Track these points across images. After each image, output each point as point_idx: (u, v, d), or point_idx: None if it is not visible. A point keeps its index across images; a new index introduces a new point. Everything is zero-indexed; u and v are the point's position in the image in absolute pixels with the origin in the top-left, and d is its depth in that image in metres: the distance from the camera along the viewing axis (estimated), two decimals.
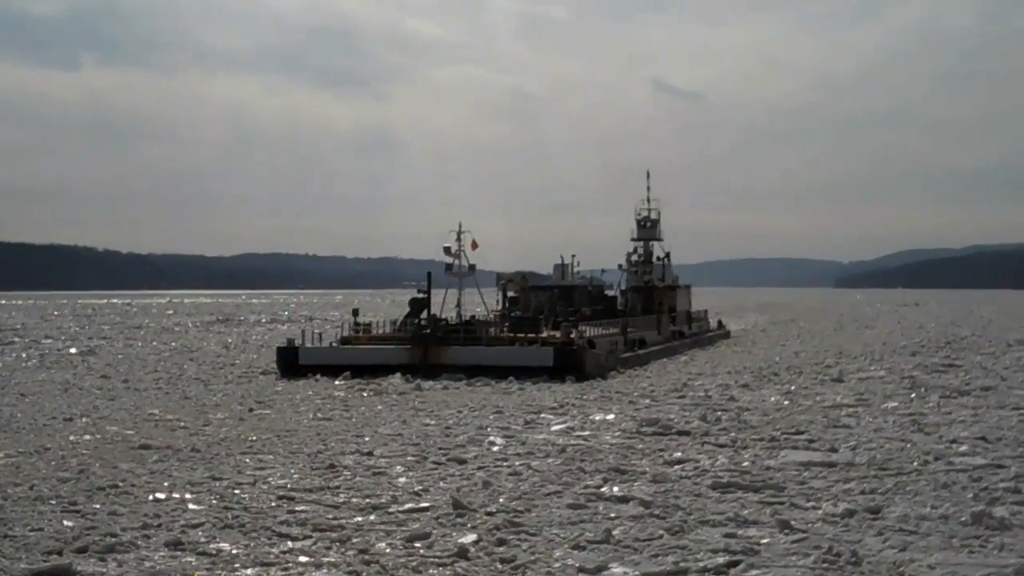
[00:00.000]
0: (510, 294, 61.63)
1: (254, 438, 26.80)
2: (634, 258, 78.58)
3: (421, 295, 50.96)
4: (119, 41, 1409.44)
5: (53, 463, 22.77)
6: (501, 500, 18.95)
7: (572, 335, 47.57)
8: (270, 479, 20.93)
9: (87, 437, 26.83)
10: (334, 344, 50.59)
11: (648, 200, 79.81)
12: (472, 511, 17.96)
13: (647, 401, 35.68)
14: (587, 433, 27.88)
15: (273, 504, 18.53)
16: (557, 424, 29.79)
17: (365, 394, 38.22)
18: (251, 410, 33.38)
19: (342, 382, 42.98)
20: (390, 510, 18.09)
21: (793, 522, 17.05)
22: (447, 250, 50.98)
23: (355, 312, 54.11)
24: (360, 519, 17.46)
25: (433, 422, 30.24)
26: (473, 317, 53.03)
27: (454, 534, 16.40)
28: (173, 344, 73.26)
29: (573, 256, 69.63)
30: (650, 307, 72.74)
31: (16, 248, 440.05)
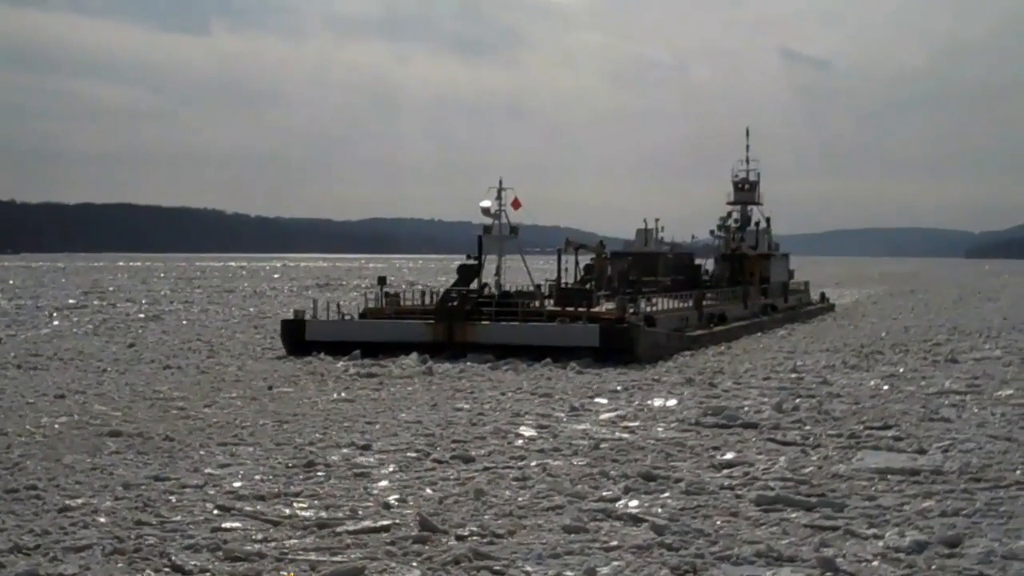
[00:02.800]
0: (585, 261, 56.44)
1: (248, 424, 23.55)
2: (729, 223, 72.42)
3: (472, 261, 45.07)
4: (248, 6, 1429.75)
5: None
6: (485, 517, 15.42)
7: (629, 310, 41.63)
8: (225, 481, 17.58)
9: (62, 419, 23.67)
10: (348, 317, 44.90)
11: (747, 161, 73.72)
12: (441, 532, 14.49)
13: (729, 383, 31.91)
14: (636, 424, 24.31)
15: (201, 518, 15.15)
16: (607, 412, 26.20)
17: (359, 380, 32.52)
18: (271, 388, 30.05)
19: (344, 364, 36.42)
20: (339, 530, 14.64)
21: (840, 560, 13.32)
22: (485, 210, 45.20)
23: (381, 280, 47.93)
24: (294, 542, 14.07)
25: (467, 406, 26.81)
26: (539, 287, 48.39)
27: (396, 569, 12.87)
28: (250, 310, 70.70)
29: (657, 220, 64.20)
30: (739, 278, 66.51)
31: (146, 211, 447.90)
